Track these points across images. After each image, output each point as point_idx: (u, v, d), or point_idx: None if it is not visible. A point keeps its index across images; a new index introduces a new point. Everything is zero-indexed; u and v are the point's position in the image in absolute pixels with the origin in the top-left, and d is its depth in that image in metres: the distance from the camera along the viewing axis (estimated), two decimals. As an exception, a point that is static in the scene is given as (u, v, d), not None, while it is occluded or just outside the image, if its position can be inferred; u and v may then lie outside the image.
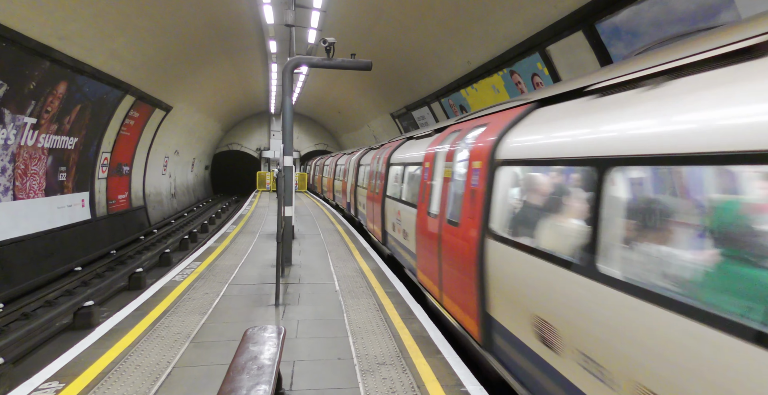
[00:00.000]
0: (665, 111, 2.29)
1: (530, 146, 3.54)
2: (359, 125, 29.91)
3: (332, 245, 10.23)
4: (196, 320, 5.18)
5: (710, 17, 5.14)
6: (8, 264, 9.92)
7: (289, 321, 5.25)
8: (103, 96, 13.45)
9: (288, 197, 8.07)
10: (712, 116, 2.01)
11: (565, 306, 2.79)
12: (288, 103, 8.21)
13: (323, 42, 7.95)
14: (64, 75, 11.02)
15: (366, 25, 13.90)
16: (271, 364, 3.13)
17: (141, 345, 4.45)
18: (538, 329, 3.11)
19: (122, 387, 3.62)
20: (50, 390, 3.55)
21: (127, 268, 12.28)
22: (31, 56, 9.60)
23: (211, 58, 18.37)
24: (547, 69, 8.88)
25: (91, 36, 10.95)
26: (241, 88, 27.16)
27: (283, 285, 6.72)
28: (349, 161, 16.50)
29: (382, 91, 20.26)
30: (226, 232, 11.82)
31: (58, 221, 12.31)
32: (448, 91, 14.11)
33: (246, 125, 38.87)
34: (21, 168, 10.65)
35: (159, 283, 6.68)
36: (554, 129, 3.32)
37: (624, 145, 2.45)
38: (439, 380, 3.83)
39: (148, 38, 13.09)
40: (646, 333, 2.16)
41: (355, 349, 4.46)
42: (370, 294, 6.38)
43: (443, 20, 11.04)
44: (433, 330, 4.98)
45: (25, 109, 10.14)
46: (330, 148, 41.09)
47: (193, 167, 31.56)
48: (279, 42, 15.53)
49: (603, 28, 6.93)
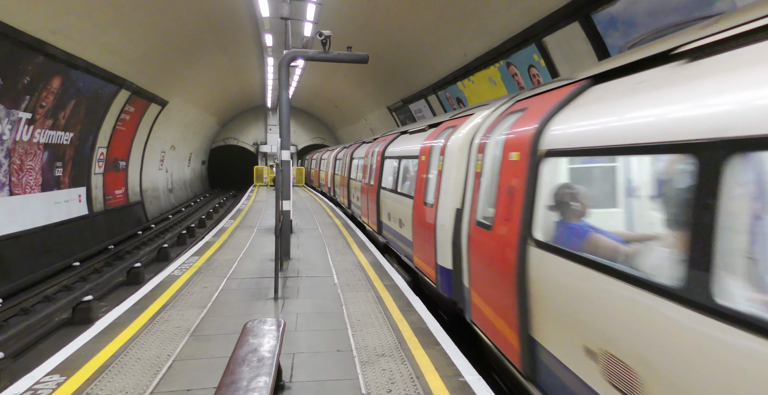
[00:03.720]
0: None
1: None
2: (356, 119, 29.83)
3: (330, 238, 10.25)
4: (195, 314, 5.19)
5: (706, 6, 5.13)
6: (6, 260, 9.91)
7: (288, 315, 5.27)
8: (98, 90, 13.36)
9: (286, 191, 8.07)
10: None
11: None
12: (284, 96, 8.18)
13: (319, 35, 7.90)
14: (58, 69, 10.93)
15: (362, 18, 13.82)
16: (271, 356, 3.15)
17: (141, 338, 4.46)
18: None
19: (123, 379, 3.64)
20: (52, 383, 3.56)
21: (125, 263, 12.28)
22: (24, 51, 9.52)
23: (206, 52, 18.24)
24: (543, 60, 8.86)
25: (84, 30, 10.85)
26: (237, 82, 27.00)
27: (282, 279, 6.74)
28: (345, 155, 16.95)
29: (379, 84, 20.18)
30: (224, 227, 11.82)
31: (55, 216, 12.28)
32: (445, 83, 14.07)
33: (242, 120, 38.70)
34: (17, 163, 10.60)
35: (158, 278, 6.69)
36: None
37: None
38: (438, 370, 3.86)
39: (143, 32, 12.98)
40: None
41: (354, 341, 4.49)
42: (368, 287, 6.41)
43: (440, 12, 10.98)
44: (432, 322, 5.02)
45: (19, 104, 10.07)
46: (327, 141, 40.99)
47: (190, 162, 31.46)
48: (275, 35, 15.42)
49: (599, 18, 6.91)
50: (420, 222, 6.22)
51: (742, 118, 1.71)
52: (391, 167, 8.91)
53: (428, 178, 6.08)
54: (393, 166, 8.78)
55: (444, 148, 5.58)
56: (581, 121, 2.86)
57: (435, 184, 5.70)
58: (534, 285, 3.11)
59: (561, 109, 3.27)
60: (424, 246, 6.01)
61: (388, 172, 9.16)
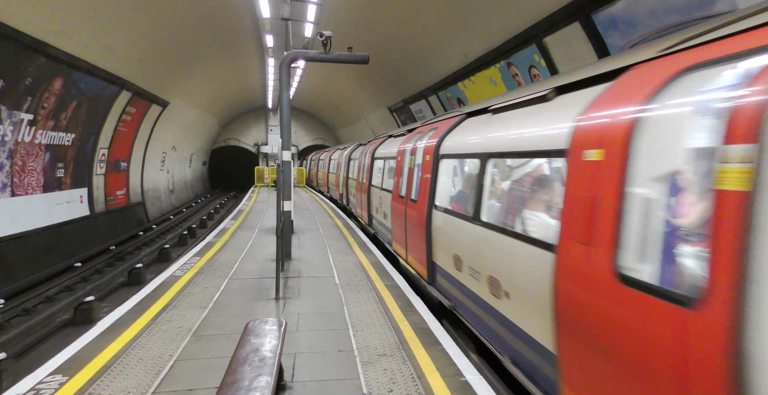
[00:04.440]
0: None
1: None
2: (357, 119, 29.84)
3: (331, 239, 10.26)
4: (197, 314, 5.21)
5: (706, 6, 5.14)
6: (8, 261, 9.93)
7: (289, 315, 5.28)
8: (99, 92, 13.39)
9: (287, 191, 8.08)
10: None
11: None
12: (285, 97, 8.20)
13: (320, 35, 7.92)
14: (60, 71, 10.96)
15: (363, 18, 13.83)
16: (273, 356, 3.16)
17: (143, 339, 4.48)
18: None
19: (125, 379, 3.65)
20: (54, 383, 3.58)
21: (126, 264, 12.30)
22: (26, 52, 9.55)
23: (207, 53, 18.28)
24: (544, 61, 8.87)
25: (85, 31, 10.89)
26: (238, 83, 27.05)
27: (283, 279, 6.75)
28: (341, 156, 17.79)
29: (380, 84, 20.20)
30: (225, 227, 11.83)
31: (56, 217, 12.31)
32: (445, 84, 14.08)
33: (243, 120, 38.74)
34: (19, 164, 10.63)
35: (159, 278, 6.70)
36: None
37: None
38: (439, 370, 3.87)
39: (144, 33, 13.01)
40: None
41: (356, 341, 4.50)
42: (369, 287, 6.42)
43: (440, 12, 10.99)
44: (433, 322, 5.02)
45: (21, 105, 10.10)
46: (328, 142, 41.01)
47: (191, 163, 31.51)
48: (275, 36, 15.45)
49: (599, 18, 6.92)
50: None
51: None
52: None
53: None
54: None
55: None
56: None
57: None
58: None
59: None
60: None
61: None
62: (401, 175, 7.53)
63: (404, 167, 7.42)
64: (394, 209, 7.79)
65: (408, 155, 7.28)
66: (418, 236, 6.10)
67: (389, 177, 9.11)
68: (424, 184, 6.00)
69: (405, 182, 7.15)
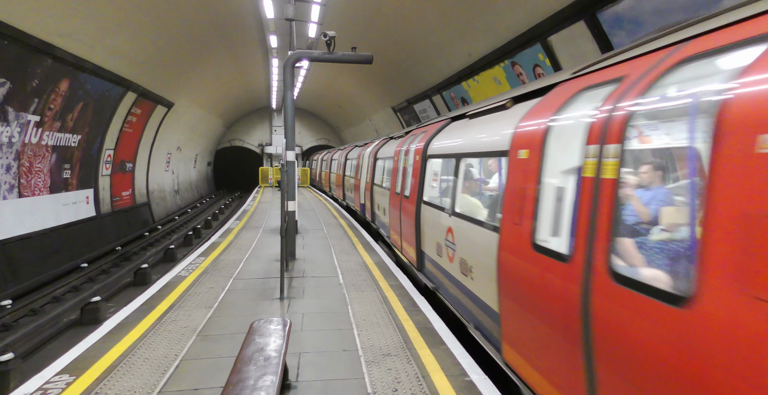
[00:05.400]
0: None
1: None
2: (361, 119, 29.85)
3: (335, 239, 10.27)
4: (202, 314, 5.23)
5: (712, 4, 5.10)
6: (15, 261, 10.01)
7: (294, 314, 5.29)
8: (105, 93, 13.47)
9: (291, 192, 8.10)
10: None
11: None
12: (289, 97, 8.21)
13: (324, 36, 7.93)
14: (66, 72, 11.03)
15: (367, 18, 13.83)
16: (278, 356, 3.17)
17: (148, 338, 4.50)
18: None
19: (131, 379, 3.67)
20: (61, 382, 3.60)
21: (132, 264, 12.36)
22: (32, 54, 9.62)
23: (211, 54, 18.34)
24: (548, 59, 8.83)
25: (91, 33, 10.95)
26: (242, 84, 27.11)
27: (288, 279, 6.77)
28: (341, 156, 19.37)
29: (384, 84, 20.19)
30: (229, 228, 11.87)
31: (63, 218, 12.39)
32: (449, 83, 14.05)
33: (247, 121, 38.82)
34: (26, 165, 10.71)
35: (165, 278, 6.73)
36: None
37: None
38: (443, 370, 3.86)
39: (149, 34, 13.08)
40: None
41: (360, 341, 4.50)
42: (374, 287, 6.42)
43: (444, 12, 10.97)
44: (437, 322, 5.02)
45: (28, 106, 10.18)
46: (332, 142, 41.03)
47: (196, 163, 31.62)
48: (279, 36, 15.48)
49: (605, 17, 6.88)
50: None
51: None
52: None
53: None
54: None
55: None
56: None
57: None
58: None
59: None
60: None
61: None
62: (397, 173, 8.40)
63: (399, 166, 8.28)
64: (392, 205, 8.69)
65: (403, 156, 8.17)
66: (410, 228, 7.06)
67: (388, 176, 10.03)
68: (415, 181, 6.94)
69: (400, 180, 8.01)
